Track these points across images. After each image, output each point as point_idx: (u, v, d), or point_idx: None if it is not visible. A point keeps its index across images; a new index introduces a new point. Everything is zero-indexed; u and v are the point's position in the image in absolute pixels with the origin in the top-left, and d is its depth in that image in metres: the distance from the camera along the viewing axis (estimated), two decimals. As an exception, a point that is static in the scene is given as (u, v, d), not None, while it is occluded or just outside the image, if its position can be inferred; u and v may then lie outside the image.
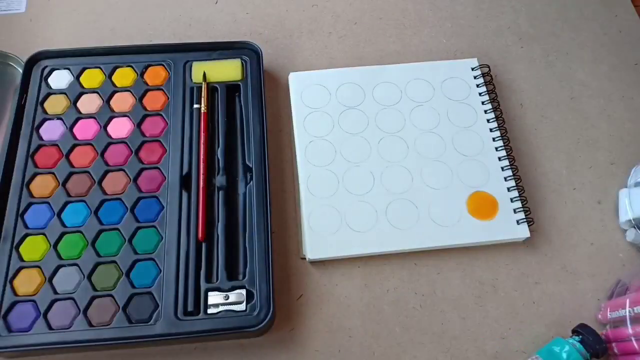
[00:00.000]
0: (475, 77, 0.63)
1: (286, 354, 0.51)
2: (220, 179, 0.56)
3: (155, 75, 0.60)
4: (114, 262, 0.51)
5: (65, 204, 0.53)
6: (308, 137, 0.59)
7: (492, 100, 0.62)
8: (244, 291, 0.50)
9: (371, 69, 0.64)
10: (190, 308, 0.49)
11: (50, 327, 0.48)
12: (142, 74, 0.60)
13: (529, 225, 0.55)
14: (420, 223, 0.55)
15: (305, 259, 0.54)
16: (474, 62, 0.64)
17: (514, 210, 0.56)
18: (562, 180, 0.60)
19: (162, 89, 0.60)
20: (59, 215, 0.53)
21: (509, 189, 0.57)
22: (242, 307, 0.49)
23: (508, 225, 0.55)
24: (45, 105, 0.58)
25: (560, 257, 0.56)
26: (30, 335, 0.48)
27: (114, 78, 0.60)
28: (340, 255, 0.54)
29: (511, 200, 0.56)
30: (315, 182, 0.56)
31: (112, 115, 0.58)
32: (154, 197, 0.54)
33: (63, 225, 0.52)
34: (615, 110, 0.65)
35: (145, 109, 0.59)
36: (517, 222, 0.55)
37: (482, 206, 0.56)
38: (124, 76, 0.60)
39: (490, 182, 0.57)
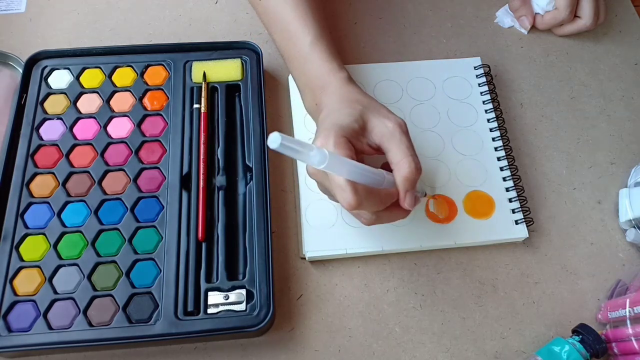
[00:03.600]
0: (477, 76, 0.63)
1: (286, 354, 0.51)
2: (220, 179, 0.56)
3: (155, 75, 0.60)
4: (114, 262, 0.51)
5: (65, 203, 0.53)
6: (308, 136, 0.59)
7: (493, 100, 0.62)
8: (244, 291, 0.50)
9: (372, 66, 0.63)
10: (190, 308, 0.49)
11: (50, 327, 0.48)
12: (142, 74, 0.60)
13: (528, 225, 0.55)
14: (420, 222, 0.55)
15: (305, 258, 0.54)
16: (477, 61, 0.64)
17: (512, 211, 0.56)
18: (562, 180, 0.60)
19: (162, 89, 0.60)
20: (59, 215, 0.53)
21: (507, 189, 0.57)
22: (242, 307, 0.49)
23: (506, 225, 0.55)
24: (45, 105, 0.58)
25: (560, 257, 0.56)
26: (30, 335, 0.48)
27: (114, 78, 0.60)
28: (338, 251, 0.53)
29: (509, 200, 0.56)
30: (314, 180, 0.56)
31: (112, 115, 0.58)
32: (154, 197, 0.54)
33: (63, 225, 0.52)
34: (615, 110, 0.65)
35: (145, 109, 0.59)
36: (516, 222, 0.55)
37: (478, 205, 0.56)
38: (124, 76, 0.60)
39: (488, 182, 0.57)
